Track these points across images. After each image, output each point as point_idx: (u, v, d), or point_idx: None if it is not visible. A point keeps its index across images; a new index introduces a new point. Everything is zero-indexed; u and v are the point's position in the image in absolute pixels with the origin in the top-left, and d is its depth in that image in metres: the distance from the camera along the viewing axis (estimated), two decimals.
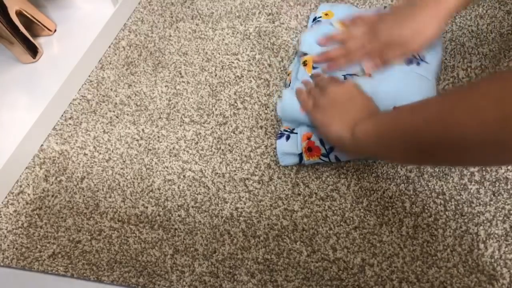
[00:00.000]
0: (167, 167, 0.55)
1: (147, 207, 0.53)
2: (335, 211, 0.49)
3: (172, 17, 0.71)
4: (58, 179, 0.57)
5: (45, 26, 0.67)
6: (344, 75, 0.53)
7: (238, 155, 0.54)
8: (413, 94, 0.45)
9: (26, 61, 0.65)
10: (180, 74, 0.64)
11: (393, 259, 0.45)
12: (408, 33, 0.49)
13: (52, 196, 0.55)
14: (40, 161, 0.59)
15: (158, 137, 0.58)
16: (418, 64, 0.51)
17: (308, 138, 0.50)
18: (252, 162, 0.54)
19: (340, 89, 0.48)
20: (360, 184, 0.50)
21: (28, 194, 0.56)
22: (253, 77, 0.61)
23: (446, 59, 0.57)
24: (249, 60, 0.63)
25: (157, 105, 0.61)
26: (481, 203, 0.46)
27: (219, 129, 0.57)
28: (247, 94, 0.60)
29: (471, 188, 0.47)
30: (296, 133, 0.52)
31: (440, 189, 0.48)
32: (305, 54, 0.57)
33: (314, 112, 0.49)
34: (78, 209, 0.54)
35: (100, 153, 0.58)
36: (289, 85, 0.57)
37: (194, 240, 0.50)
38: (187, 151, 0.56)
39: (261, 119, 0.57)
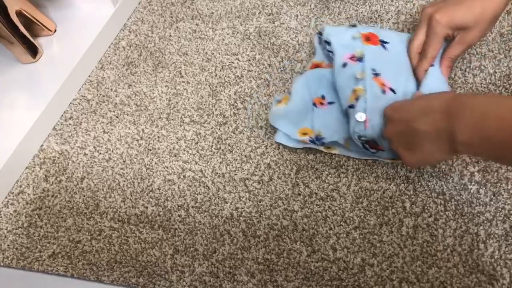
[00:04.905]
0: (167, 167, 0.55)
1: (147, 207, 0.53)
2: (335, 211, 0.49)
3: (172, 17, 0.71)
4: (58, 179, 0.57)
5: (45, 26, 0.67)
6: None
7: (238, 155, 0.54)
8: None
9: (26, 61, 0.65)
10: (180, 74, 0.64)
11: (393, 259, 0.45)
12: (470, 17, 0.44)
13: (52, 196, 0.55)
14: (40, 161, 0.59)
15: (158, 137, 0.58)
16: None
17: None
18: (252, 162, 0.54)
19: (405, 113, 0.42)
20: (360, 184, 0.50)
21: (28, 194, 0.56)
22: (253, 77, 0.61)
23: None
24: (249, 60, 0.63)
25: (157, 105, 0.61)
26: (481, 203, 0.46)
27: (219, 129, 0.57)
28: (247, 94, 0.60)
29: (471, 188, 0.47)
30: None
31: (440, 189, 0.48)
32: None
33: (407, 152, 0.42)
34: (78, 209, 0.54)
35: (100, 153, 0.58)
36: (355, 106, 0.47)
37: (194, 240, 0.50)
38: (187, 151, 0.56)
39: (261, 119, 0.57)
